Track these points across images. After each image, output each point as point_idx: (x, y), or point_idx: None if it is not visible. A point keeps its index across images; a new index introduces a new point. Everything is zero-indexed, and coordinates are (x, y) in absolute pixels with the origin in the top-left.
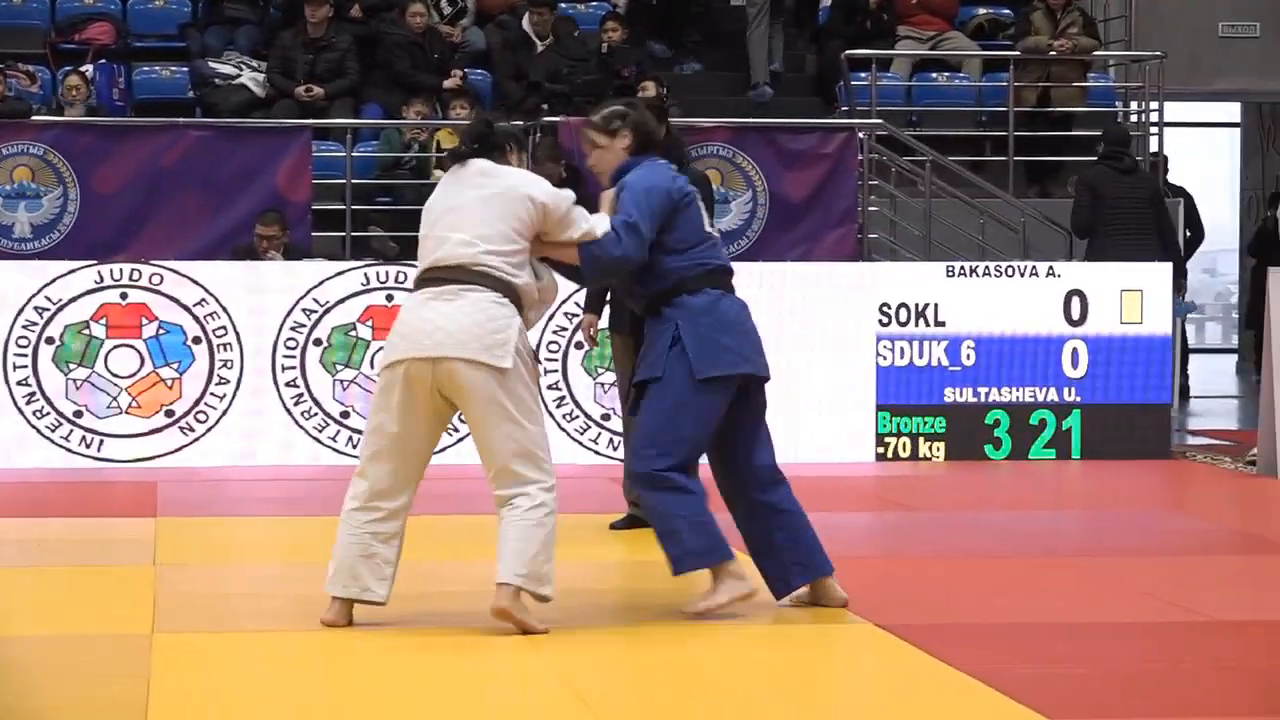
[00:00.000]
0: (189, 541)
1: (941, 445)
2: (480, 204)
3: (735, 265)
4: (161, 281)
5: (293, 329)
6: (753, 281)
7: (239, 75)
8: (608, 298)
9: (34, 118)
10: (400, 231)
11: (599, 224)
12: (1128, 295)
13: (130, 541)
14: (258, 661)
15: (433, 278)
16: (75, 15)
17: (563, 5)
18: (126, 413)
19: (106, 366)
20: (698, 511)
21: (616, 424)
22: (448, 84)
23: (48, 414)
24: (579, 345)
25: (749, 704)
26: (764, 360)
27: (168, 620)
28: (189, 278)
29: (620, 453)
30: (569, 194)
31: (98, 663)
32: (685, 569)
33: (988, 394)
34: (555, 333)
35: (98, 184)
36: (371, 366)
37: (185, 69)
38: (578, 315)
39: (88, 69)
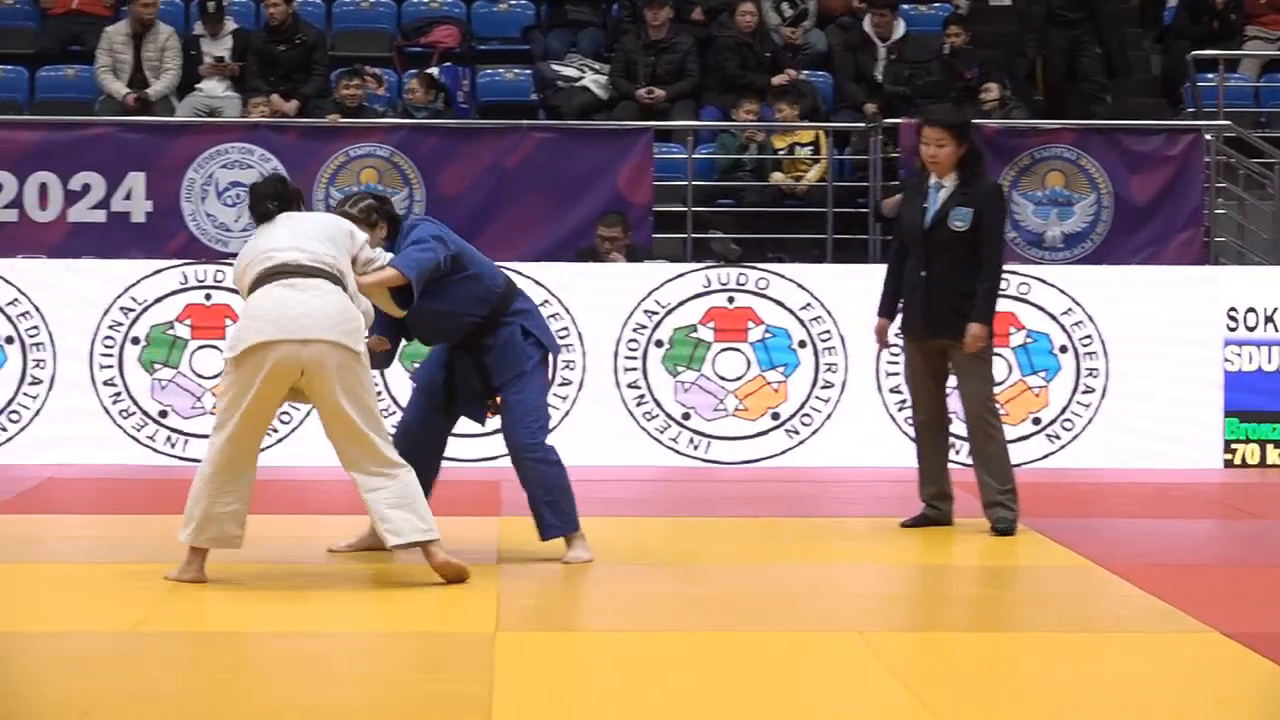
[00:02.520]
0: (533, 541)
1: None
2: (297, 227)
3: (1078, 268)
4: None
5: (635, 330)
6: (1097, 285)
7: (581, 78)
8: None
9: (380, 120)
10: (740, 234)
11: (387, 257)
12: None
13: (474, 541)
14: (600, 661)
15: (276, 273)
16: (421, 19)
17: (904, 7)
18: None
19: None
20: (568, 482)
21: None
22: (776, 80)
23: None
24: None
25: (1087, 713)
26: None
27: (511, 619)
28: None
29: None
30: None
31: (442, 661)
32: (562, 535)
33: None
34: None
35: (443, 186)
36: (714, 369)
37: (528, 72)
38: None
39: (433, 72)
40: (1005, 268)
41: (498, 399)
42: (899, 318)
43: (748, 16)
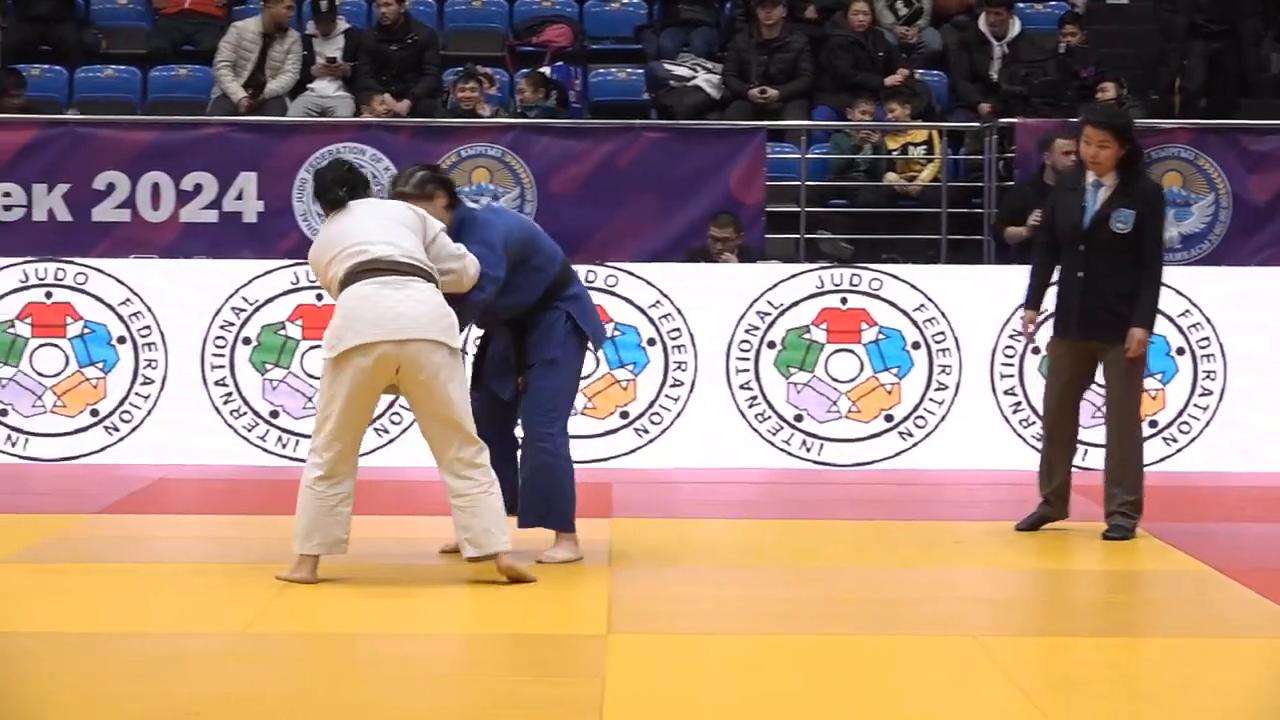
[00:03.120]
0: (644, 542)
1: None
2: (379, 219)
3: (1196, 269)
4: None
5: (747, 331)
6: (1215, 286)
7: (694, 77)
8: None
9: (492, 119)
10: (854, 234)
11: (470, 264)
12: None
13: (586, 542)
14: (711, 664)
15: (370, 269)
16: (533, 18)
17: (1020, 5)
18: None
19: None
20: (570, 479)
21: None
22: (889, 81)
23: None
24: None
25: (1205, 719)
26: None
27: (623, 621)
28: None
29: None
30: (437, 221)
31: (553, 662)
32: (545, 525)
33: None
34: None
35: (554, 186)
36: (826, 370)
37: (641, 71)
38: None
39: (545, 71)
40: None
41: (523, 378)
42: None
43: (860, 16)
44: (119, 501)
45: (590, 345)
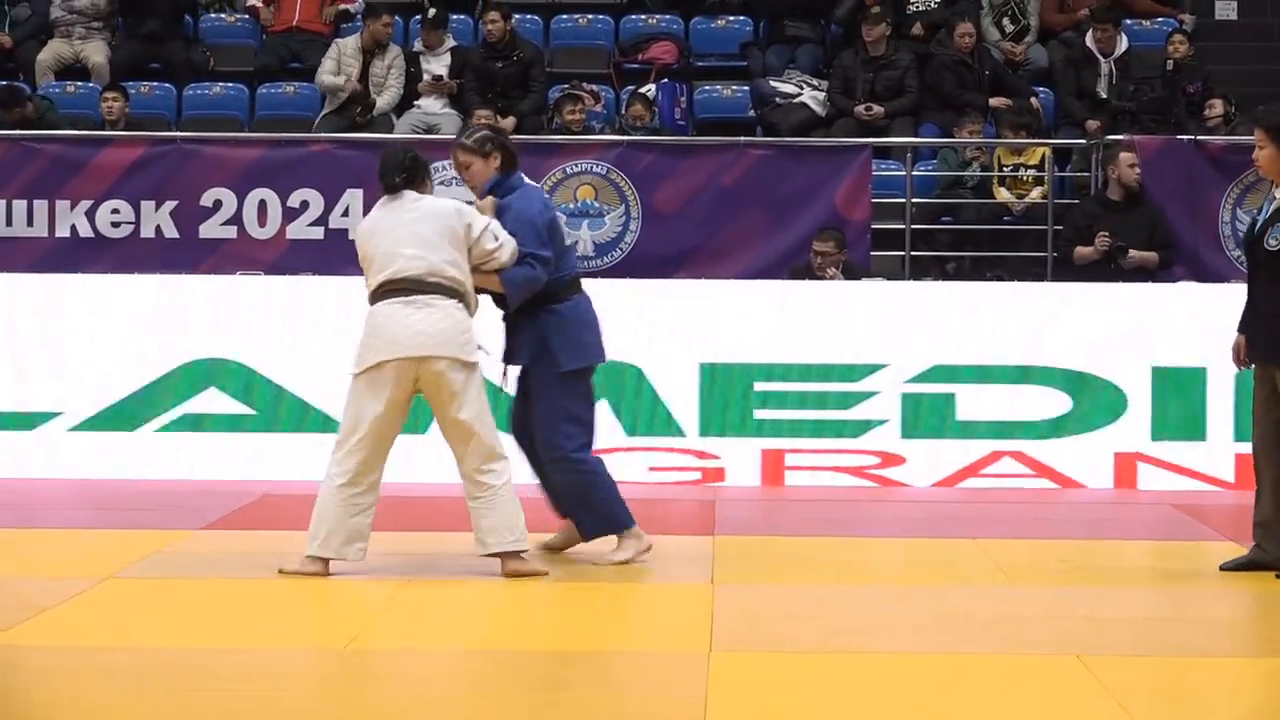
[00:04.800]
0: (748, 559)
1: None
2: (417, 225)
3: None
4: None
5: None
6: None
7: (799, 94)
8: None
9: (598, 136)
10: (960, 251)
11: (506, 245)
12: None
13: (689, 559)
14: (815, 682)
15: (396, 289)
16: (639, 35)
17: (1127, 22)
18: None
19: None
20: (604, 487)
21: None
22: (994, 103)
23: None
24: None
25: None
26: (603, 348)
27: (725, 639)
28: None
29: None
30: (480, 215)
31: (656, 680)
32: (600, 535)
33: None
34: None
35: (659, 203)
36: None
37: (746, 88)
38: None
39: (650, 89)
40: (1229, 285)
41: (506, 371)
42: None
43: (966, 38)
44: (225, 517)
45: (558, 359)
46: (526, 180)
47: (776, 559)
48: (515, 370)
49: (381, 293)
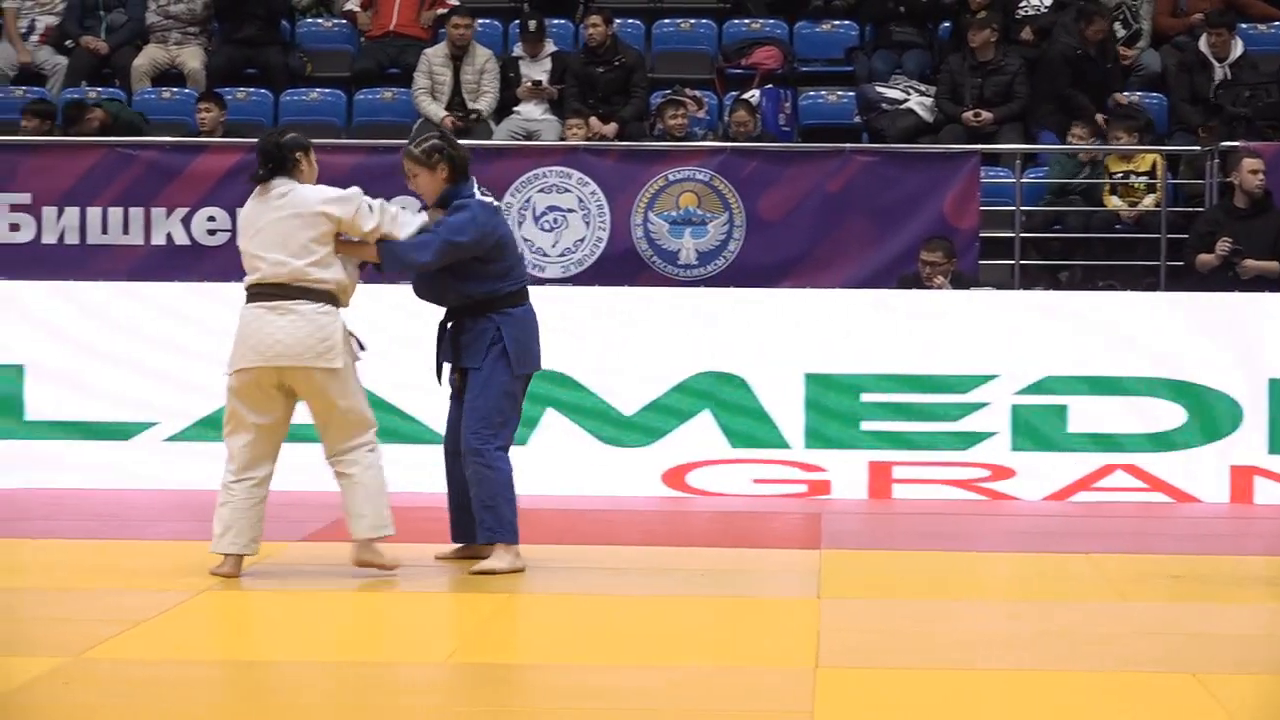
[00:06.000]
0: (854, 574)
1: None
2: (282, 224)
3: None
4: None
5: None
6: None
7: (906, 100)
8: None
9: (701, 143)
10: (1071, 260)
11: (403, 222)
12: None
13: (795, 573)
14: (922, 700)
15: (261, 293)
16: (743, 40)
17: (1242, 26)
18: None
19: None
20: (511, 492)
21: None
22: (1116, 98)
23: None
24: None
25: None
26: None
27: (832, 654)
28: None
29: None
30: (354, 191)
31: (761, 696)
32: (496, 540)
33: None
34: None
35: (763, 210)
36: None
37: (852, 93)
38: None
39: (754, 94)
40: None
41: (458, 375)
42: None
43: (1098, 33)
44: (323, 529)
45: (510, 363)
46: (479, 191)
47: (883, 573)
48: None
49: (250, 295)
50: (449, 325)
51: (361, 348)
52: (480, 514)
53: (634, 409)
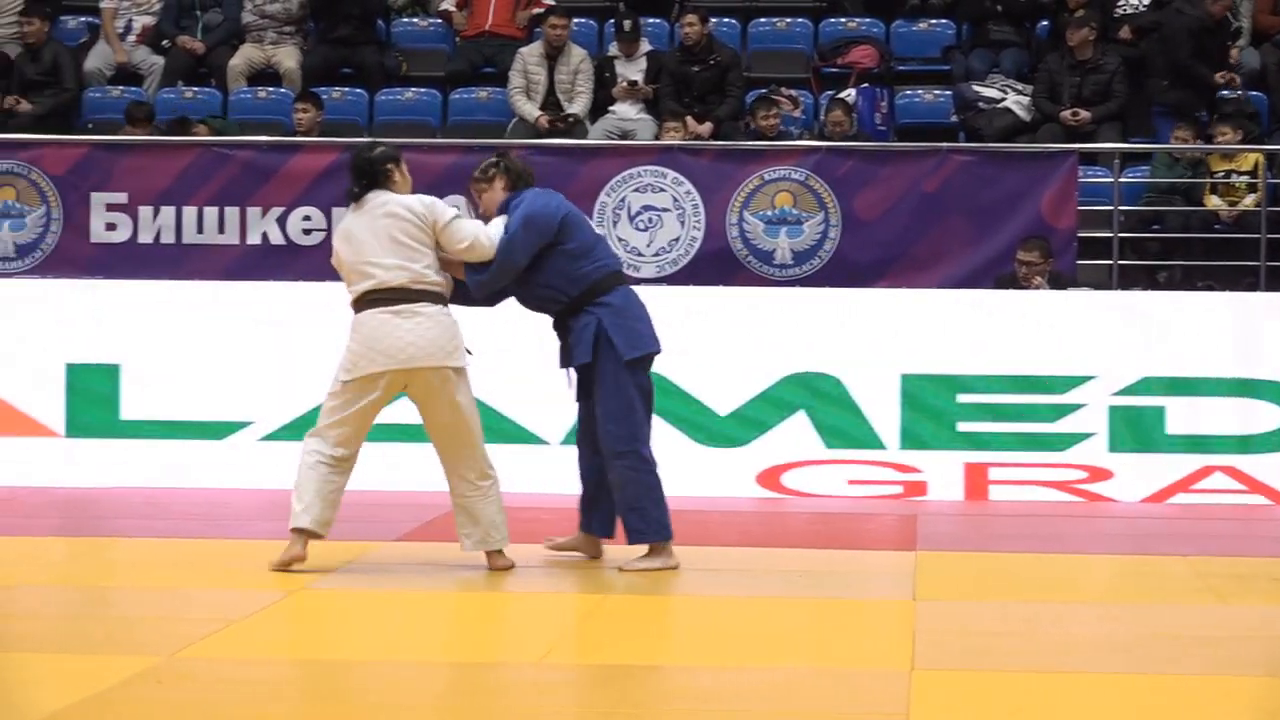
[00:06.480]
0: (951, 576)
1: None
2: (389, 231)
3: None
4: None
5: None
6: None
7: (1004, 98)
8: None
9: (796, 142)
10: (1170, 260)
11: (475, 247)
12: None
13: (891, 575)
14: (1019, 703)
15: (380, 298)
16: (839, 39)
17: None
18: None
19: None
20: (657, 491)
21: None
22: (1219, 77)
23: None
24: None
25: None
26: (658, 338)
27: (928, 657)
28: None
29: None
30: (448, 208)
31: (857, 698)
32: (645, 540)
33: None
34: None
35: (858, 210)
36: None
37: (948, 92)
38: None
39: (850, 93)
40: None
41: (569, 375)
42: None
43: (1220, 4)
44: (417, 528)
45: (618, 350)
46: (538, 191)
47: (980, 575)
48: (573, 374)
49: (367, 301)
50: (556, 330)
51: (469, 353)
52: (626, 516)
53: (729, 409)
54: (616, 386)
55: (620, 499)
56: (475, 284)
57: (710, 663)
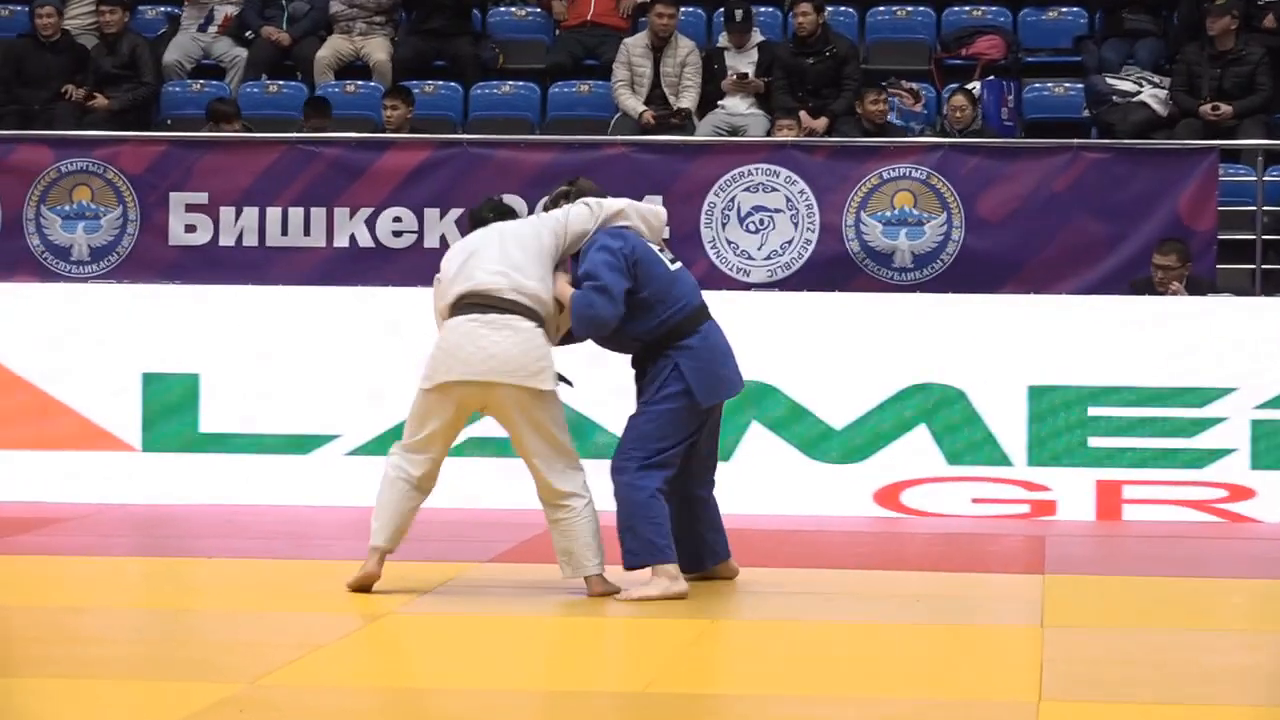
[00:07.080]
0: (1082, 601)
1: None
2: (508, 243)
3: None
4: None
5: None
6: None
7: (1139, 92)
8: None
9: (916, 139)
10: None
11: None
12: None
13: (1017, 600)
14: None
15: (474, 304)
16: (963, 29)
17: None
18: None
19: None
20: (653, 510)
21: None
22: None
23: None
24: None
25: None
26: (740, 376)
27: (1057, 687)
28: None
29: None
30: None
31: None
32: (640, 563)
33: None
34: None
35: (983, 210)
36: None
37: (1080, 85)
38: None
39: (975, 86)
40: None
41: None
42: None
43: None
44: (512, 549)
45: (697, 398)
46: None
47: (1112, 600)
48: None
49: (459, 306)
50: (634, 369)
51: (569, 384)
52: (621, 536)
53: (844, 423)
54: (656, 416)
55: (617, 519)
56: (581, 304)
57: (823, 693)
